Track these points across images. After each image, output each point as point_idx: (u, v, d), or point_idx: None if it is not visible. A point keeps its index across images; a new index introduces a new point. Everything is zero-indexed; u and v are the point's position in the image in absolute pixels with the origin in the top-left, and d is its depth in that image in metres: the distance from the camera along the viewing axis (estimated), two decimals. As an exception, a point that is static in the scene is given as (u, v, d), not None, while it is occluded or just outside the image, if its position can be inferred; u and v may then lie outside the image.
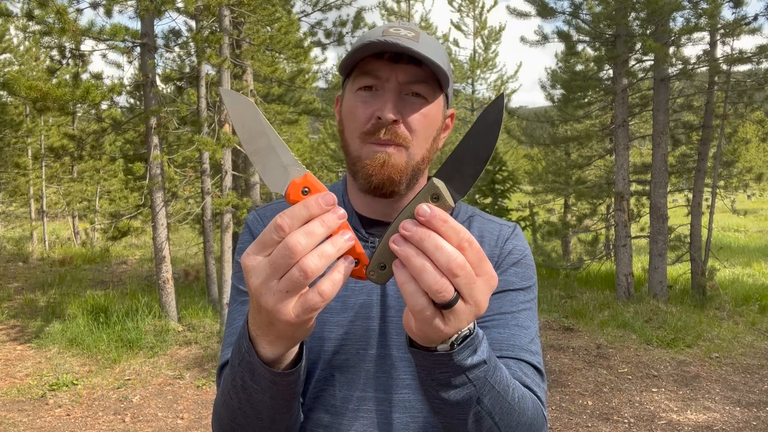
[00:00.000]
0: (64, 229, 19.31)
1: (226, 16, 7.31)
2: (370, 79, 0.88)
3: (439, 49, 0.90)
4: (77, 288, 9.23)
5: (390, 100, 0.87)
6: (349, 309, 0.92)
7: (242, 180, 9.64)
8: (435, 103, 0.91)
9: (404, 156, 0.89)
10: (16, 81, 5.56)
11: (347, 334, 0.91)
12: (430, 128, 0.91)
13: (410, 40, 0.85)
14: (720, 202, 10.56)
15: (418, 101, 0.89)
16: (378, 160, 0.87)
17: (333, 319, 0.91)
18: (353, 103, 0.90)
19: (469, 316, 0.60)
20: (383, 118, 0.86)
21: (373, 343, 0.90)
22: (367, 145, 0.89)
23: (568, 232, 10.41)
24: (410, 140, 0.88)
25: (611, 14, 7.82)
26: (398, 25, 0.90)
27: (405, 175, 0.89)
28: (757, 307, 7.71)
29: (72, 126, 14.63)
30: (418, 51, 0.83)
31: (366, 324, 0.91)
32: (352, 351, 0.90)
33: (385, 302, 0.92)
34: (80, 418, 4.50)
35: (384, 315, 0.91)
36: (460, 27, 16.97)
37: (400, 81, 0.87)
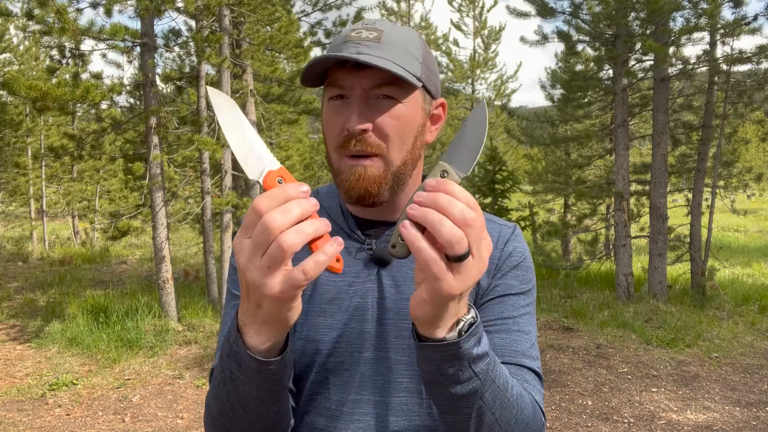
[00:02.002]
0: (64, 228, 19.31)
1: (226, 15, 7.31)
2: (336, 89, 0.87)
3: (406, 44, 0.87)
4: (77, 288, 9.23)
5: (355, 109, 0.85)
6: (343, 311, 0.91)
7: (242, 180, 9.64)
8: (408, 102, 0.88)
9: (380, 165, 0.87)
10: (16, 81, 5.56)
11: (341, 337, 0.90)
12: (406, 129, 0.88)
13: (372, 42, 0.84)
14: (720, 202, 10.56)
15: (387, 103, 0.86)
16: (354, 175, 0.86)
17: (327, 322, 0.91)
18: (326, 115, 0.90)
19: (475, 272, 0.64)
20: (351, 131, 0.84)
21: (369, 345, 0.90)
22: (343, 158, 0.88)
23: (568, 232, 10.42)
24: (384, 147, 0.87)
25: (611, 14, 7.82)
26: (361, 26, 0.88)
27: (384, 184, 0.88)
28: (757, 307, 7.71)
29: (72, 126, 14.63)
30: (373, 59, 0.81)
31: (361, 326, 0.90)
32: (346, 354, 0.90)
33: (382, 305, 0.91)
34: (80, 417, 4.50)
35: (381, 317, 0.91)
36: (460, 27, 16.97)
37: (365, 87, 0.85)
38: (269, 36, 8.16)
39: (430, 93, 0.93)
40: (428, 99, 0.93)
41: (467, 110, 17.62)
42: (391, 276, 0.93)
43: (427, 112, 0.93)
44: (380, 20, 0.91)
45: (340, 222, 0.97)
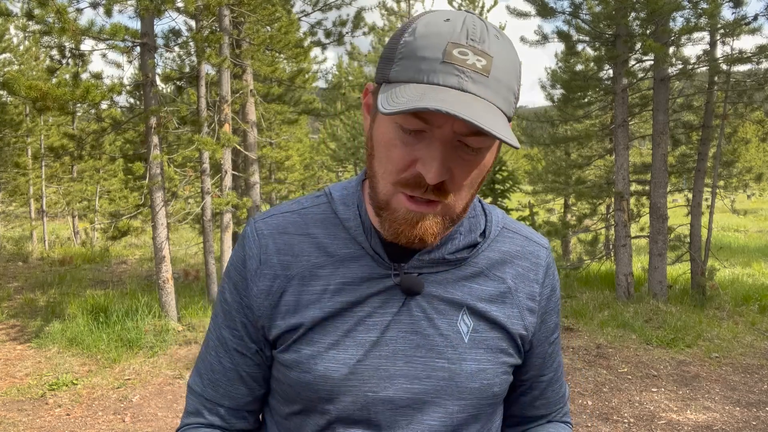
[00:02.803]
0: (64, 228, 19.32)
1: (226, 15, 7.32)
2: (418, 122, 0.68)
3: (511, 78, 0.70)
4: (77, 288, 9.23)
5: (438, 156, 0.68)
6: (358, 346, 0.80)
7: (242, 180, 9.64)
8: (493, 148, 0.74)
9: (441, 213, 0.74)
10: (16, 81, 5.56)
11: (353, 375, 0.79)
12: (480, 177, 0.75)
13: (479, 74, 0.66)
14: (720, 202, 10.56)
15: (472, 153, 0.71)
16: (410, 221, 0.73)
17: (340, 356, 0.80)
18: (390, 139, 0.71)
19: None
20: (428, 180, 0.69)
21: (388, 385, 0.79)
22: (399, 194, 0.73)
23: (568, 232, 10.42)
24: (453, 196, 0.74)
25: (611, 14, 7.83)
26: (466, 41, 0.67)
27: (440, 233, 0.76)
28: (757, 307, 7.71)
29: (72, 126, 14.63)
30: (482, 115, 0.63)
31: (379, 364, 0.79)
32: (360, 393, 0.79)
33: (413, 341, 0.81)
34: (80, 417, 4.50)
35: (411, 355, 0.80)
36: (460, 27, 16.93)
37: (456, 131, 0.68)
38: (269, 36, 8.16)
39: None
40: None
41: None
42: (421, 308, 0.81)
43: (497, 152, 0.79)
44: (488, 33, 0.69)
45: (361, 240, 0.82)
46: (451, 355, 0.81)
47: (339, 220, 0.84)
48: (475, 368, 0.81)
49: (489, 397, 0.83)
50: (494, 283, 0.86)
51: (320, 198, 0.88)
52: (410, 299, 0.81)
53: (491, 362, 0.83)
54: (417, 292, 0.80)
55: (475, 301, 0.83)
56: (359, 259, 0.82)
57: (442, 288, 0.82)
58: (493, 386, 0.83)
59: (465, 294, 0.83)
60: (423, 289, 0.81)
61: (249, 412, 0.92)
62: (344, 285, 0.81)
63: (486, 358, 0.83)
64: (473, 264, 0.85)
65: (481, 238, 0.86)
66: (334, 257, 0.82)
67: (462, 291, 0.83)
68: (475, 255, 0.85)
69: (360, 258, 0.82)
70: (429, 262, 0.82)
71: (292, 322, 0.82)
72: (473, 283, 0.84)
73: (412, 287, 0.80)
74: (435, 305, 0.81)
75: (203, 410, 0.91)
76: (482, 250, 0.86)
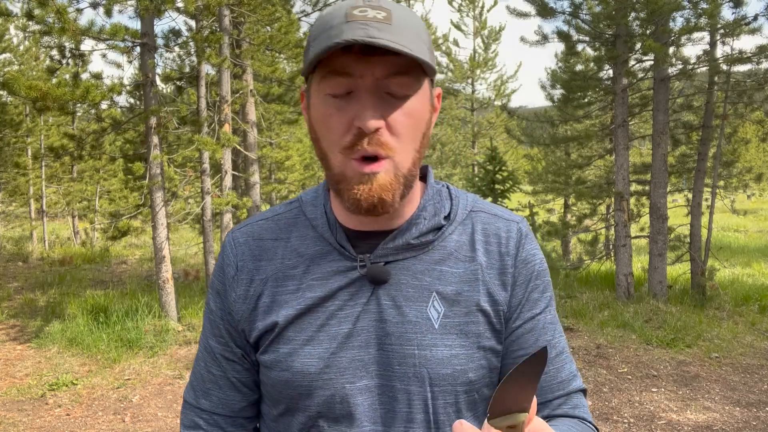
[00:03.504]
0: (64, 228, 19.32)
1: (226, 15, 7.32)
2: (341, 79, 0.74)
3: (416, 26, 0.76)
4: (77, 288, 9.23)
5: (369, 104, 0.73)
6: (331, 339, 0.81)
7: (242, 180, 9.64)
8: (419, 94, 0.77)
9: (390, 169, 0.76)
10: (16, 81, 5.56)
11: (329, 367, 0.80)
12: (417, 127, 0.78)
13: (381, 23, 0.71)
14: (720, 202, 10.56)
15: (401, 98, 0.75)
16: (365, 185, 0.75)
17: (315, 351, 0.81)
18: (325, 111, 0.76)
19: None
20: (365, 128, 0.73)
21: (364, 374, 0.81)
22: (350, 162, 0.76)
23: (568, 232, 10.42)
24: (396, 148, 0.76)
25: (611, 14, 7.82)
26: (363, 2, 0.74)
27: (397, 191, 0.77)
28: (757, 307, 7.71)
29: (72, 126, 14.63)
30: (392, 41, 0.70)
31: (353, 355, 0.81)
32: (338, 385, 0.80)
33: (383, 329, 0.81)
34: (80, 417, 4.50)
35: (382, 343, 0.81)
36: (460, 27, 16.97)
37: (378, 77, 0.73)
38: (269, 36, 8.16)
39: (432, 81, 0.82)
40: (432, 90, 0.82)
41: (467, 110, 17.62)
42: (390, 296, 0.82)
43: (432, 105, 0.82)
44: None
45: (327, 236, 0.85)
46: (422, 341, 0.80)
47: (308, 220, 0.88)
48: (447, 354, 0.81)
49: (464, 383, 0.82)
50: (464, 263, 0.85)
51: (293, 203, 0.92)
52: (378, 289, 0.82)
53: (464, 347, 0.82)
54: (384, 281, 0.82)
55: (445, 285, 0.83)
56: (327, 255, 0.84)
57: (411, 275, 0.83)
58: (467, 372, 0.82)
59: (434, 279, 0.83)
60: (389, 278, 0.82)
61: (246, 419, 0.93)
62: (314, 281, 0.83)
63: (458, 343, 0.81)
64: (441, 248, 0.85)
65: (446, 221, 0.86)
66: (305, 256, 0.85)
67: (431, 276, 0.83)
68: (442, 239, 0.85)
69: (328, 254, 0.84)
70: (394, 250, 0.83)
71: (268, 323, 0.84)
72: (443, 266, 0.84)
73: (378, 276, 0.81)
74: (404, 292, 0.82)
75: (200, 421, 0.92)
76: (450, 233, 0.86)
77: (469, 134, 17.26)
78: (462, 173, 16.71)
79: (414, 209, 0.85)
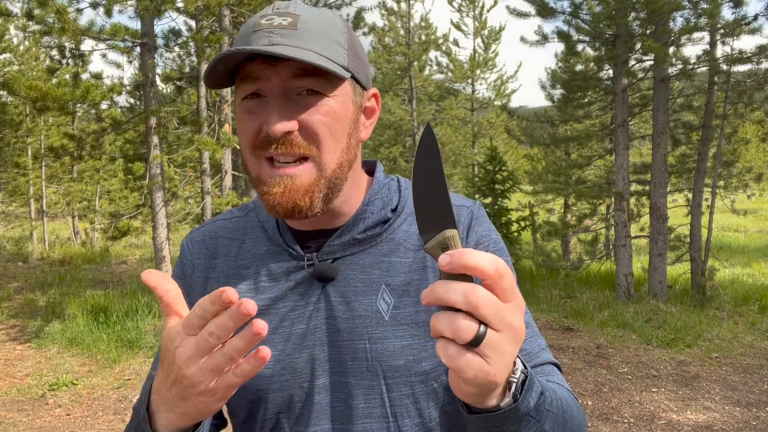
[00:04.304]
0: (64, 229, 19.33)
1: (226, 15, 7.31)
2: (250, 83, 0.75)
3: (328, 29, 0.76)
4: (77, 288, 9.23)
5: (275, 108, 0.73)
6: (285, 340, 0.81)
7: (242, 180, 9.64)
8: (336, 95, 0.77)
9: (311, 171, 0.76)
10: (16, 81, 5.56)
11: (285, 369, 0.81)
12: (337, 126, 0.77)
13: (286, 29, 0.73)
14: (720, 202, 10.56)
15: (312, 99, 0.75)
16: (278, 186, 0.75)
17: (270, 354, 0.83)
18: (240, 115, 0.78)
19: (510, 346, 0.54)
20: (271, 133, 0.73)
21: (321, 372, 0.81)
22: (263, 164, 0.76)
23: (568, 232, 10.42)
24: (313, 148, 0.75)
25: (611, 14, 7.82)
26: (272, 11, 0.76)
27: (317, 194, 0.76)
28: (757, 307, 7.71)
29: (72, 126, 14.63)
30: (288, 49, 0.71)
31: (308, 354, 0.81)
32: (295, 385, 0.81)
33: (333, 325, 0.81)
34: (80, 417, 4.50)
35: (334, 339, 0.81)
36: (460, 27, 16.97)
37: (284, 78, 0.74)
38: (269, 36, 8.15)
39: (361, 83, 0.82)
40: (359, 90, 0.82)
41: (467, 110, 17.62)
42: (339, 292, 0.82)
43: (359, 106, 0.82)
44: (294, 2, 0.78)
45: (276, 238, 0.85)
46: (372, 334, 0.80)
47: (260, 223, 0.89)
48: (398, 345, 0.80)
49: (419, 373, 0.81)
50: (413, 253, 0.84)
51: (248, 207, 0.95)
52: (327, 286, 0.82)
53: (416, 337, 0.81)
54: (331, 278, 0.82)
55: (394, 276, 0.83)
56: (276, 255, 0.85)
57: (359, 269, 0.83)
58: (421, 361, 0.80)
59: (383, 272, 0.83)
60: (336, 274, 0.82)
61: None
62: (266, 283, 0.84)
63: (410, 333, 0.81)
64: (390, 240, 0.85)
65: (393, 214, 0.87)
66: (256, 256, 0.86)
67: (380, 269, 0.83)
68: (390, 231, 0.86)
69: (277, 254, 0.85)
70: (341, 246, 0.83)
71: None
72: (391, 258, 0.84)
73: (324, 273, 0.82)
74: (353, 287, 0.82)
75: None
76: (398, 225, 0.86)
77: (469, 134, 17.26)
78: (462, 173, 16.71)
79: (359, 205, 0.86)
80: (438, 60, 17.47)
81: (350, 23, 9.83)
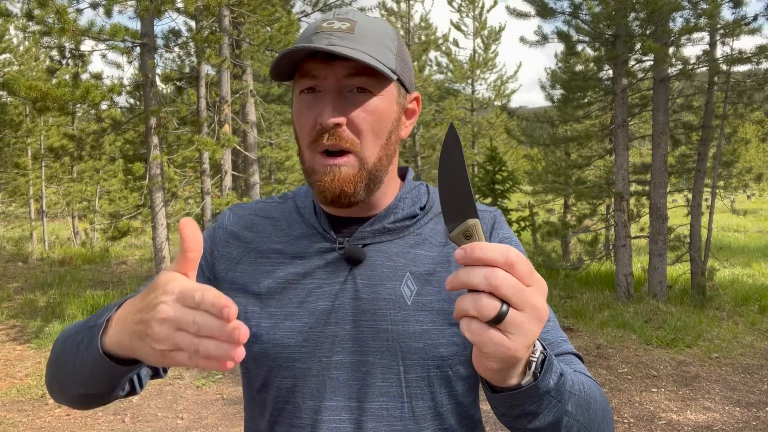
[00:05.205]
0: (64, 229, 19.33)
1: (226, 16, 7.32)
2: (308, 80, 0.84)
3: (380, 35, 0.85)
4: (77, 288, 9.23)
5: (329, 102, 0.82)
6: (309, 314, 0.86)
7: (242, 180, 9.64)
8: (383, 95, 0.85)
9: (354, 163, 0.85)
10: (16, 81, 5.56)
11: (307, 341, 0.85)
12: (381, 124, 0.85)
13: (345, 33, 0.82)
14: (720, 202, 10.56)
15: (361, 97, 0.84)
16: (328, 175, 0.84)
17: (294, 326, 0.86)
18: (297, 109, 0.87)
19: (531, 324, 0.57)
20: (324, 125, 0.82)
21: (340, 349, 0.85)
22: (317, 155, 0.85)
23: (568, 232, 10.42)
24: (358, 143, 0.84)
25: (611, 14, 7.82)
26: (333, 16, 0.85)
27: (359, 183, 0.85)
28: (757, 307, 7.71)
29: (72, 126, 14.63)
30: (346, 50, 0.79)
31: (329, 330, 0.85)
32: (314, 359, 0.85)
33: (358, 306, 0.86)
34: (80, 418, 4.50)
35: (357, 319, 0.85)
36: (460, 27, 16.97)
37: (339, 77, 0.82)
38: (269, 36, 8.16)
39: (405, 86, 0.90)
40: (403, 92, 0.90)
41: (467, 111, 17.62)
42: (365, 275, 0.87)
43: (402, 106, 0.90)
44: (352, 10, 0.88)
45: (313, 221, 0.93)
46: (395, 317, 0.85)
47: (297, 209, 0.96)
48: (419, 329, 0.85)
49: (435, 358, 0.85)
50: (438, 248, 0.91)
51: (287, 195, 1.03)
52: (355, 269, 0.88)
53: (435, 323, 0.85)
54: (359, 260, 0.88)
55: (419, 266, 0.89)
56: (310, 237, 0.92)
57: (386, 256, 0.89)
58: (438, 347, 0.85)
59: (408, 261, 0.89)
60: (365, 257, 0.88)
61: None
62: (295, 259, 0.90)
63: (430, 319, 0.85)
64: (417, 234, 0.92)
65: (422, 212, 0.94)
66: (290, 236, 0.93)
67: (405, 258, 0.89)
68: (418, 226, 0.93)
69: (311, 236, 0.92)
70: (371, 233, 0.90)
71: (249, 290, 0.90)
72: (417, 250, 0.90)
73: (354, 255, 0.88)
74: (379, 272, 0.88)
75: None
76: (425, 222, 0.94)
77: (469, 134, 17.27)
78: (462, 173, 16.67)
79: (391, 200, 0.93)
80: (438, 60, 17.45)
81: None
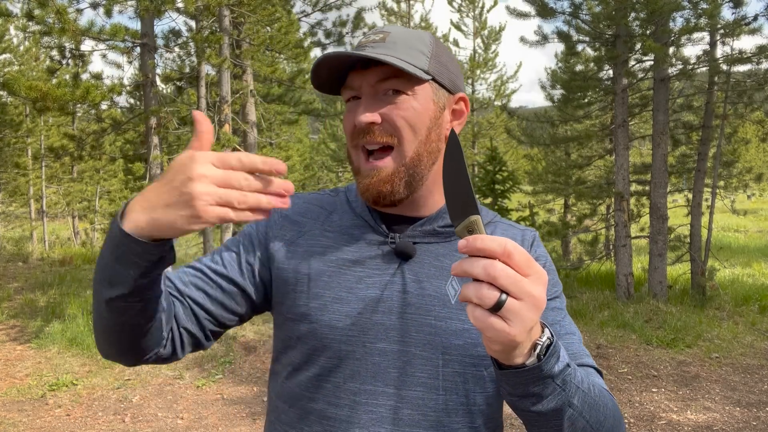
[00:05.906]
0: (64, 229, 19.33)
1: (226, 16, 7.31)
2: (349, 90, 0.93)
3: (412, 41, 0.92)
4: (77, 288, 9.23)
5: (364, 104, 0.90)
6: (359, 300, 0.91)
7: (242, 180, 9.62)
8: (417, 94, 0.91)
9: (394, 161, 0.90)
10: (16, 81, 5.56)
11: (354, 326, 0.90)
12: (416, 120, 0.91)
13: (377, 43, 0.90)
14: (720, 202, 10.56)
15: (395, 98, 0.90)
16: (369, 177, 0.91)
17: (343, 309, 0.91)
18: (344, 116, 0.95)
19: (529, 312, 0.62)
20: (358, 124, 0.89)
21: (384, 337, 0.89)
22: (361, 157, 0.93)
23: (568, 232, 10.42)
24: (393, 139, 0.90)
25: (611, 14, 7.82)
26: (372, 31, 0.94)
27: (398, 180, 0.91)
28: (757, 307, 7.71)
29: (72, 126, 14.64)
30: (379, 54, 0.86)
31: (377, 318, 0.90)
32: (359, 343, 0.90)
33: (405, 299, 0.91)
34: (80, 418, 4.50)
35: (403, 311, 0.90)
36: (460, 27, 16.97)
37: (371, 83, 0.90)
38: (269, 36, 8.16)
39: (446, 87, 0.95)
40: (443, 93, 0.95)
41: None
42: (413, 271, 0.92)
43: (440, 105, 0.94)
44: (392, 25, 0.96)
45: (366, 217, 0.98)
46: (439, 313, 0.90)
47: (349, 203, 1.02)
48: (460, 327, 0.90)
49: (473, 356, 0.90)
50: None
51: (339, 190, 1.08)
52: (404, 264, 0.93)
53: None
54: (410, 256, 0.93)
55: None
56: (361, 228, 0.97)
57: (434, 257, 0.95)
58: (477, 346, 0.90)
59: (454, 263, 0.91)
60: (415, 254, 0.93)
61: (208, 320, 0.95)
62: (345, 246, 0.95)
63: None
64: None
65: None
66: (342, 226, 0.98)
67: (451, 260, 0.94)
68: None
69: (362, 227, 0.97)
70: (422, 233, 0.95)
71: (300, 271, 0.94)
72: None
73: (405, 250, 0.93)
74: (426, 270, 0.93)
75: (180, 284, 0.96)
76: None
77: (469, 134, 17.27)
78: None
79: (442, 204, 0.98)
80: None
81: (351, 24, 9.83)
